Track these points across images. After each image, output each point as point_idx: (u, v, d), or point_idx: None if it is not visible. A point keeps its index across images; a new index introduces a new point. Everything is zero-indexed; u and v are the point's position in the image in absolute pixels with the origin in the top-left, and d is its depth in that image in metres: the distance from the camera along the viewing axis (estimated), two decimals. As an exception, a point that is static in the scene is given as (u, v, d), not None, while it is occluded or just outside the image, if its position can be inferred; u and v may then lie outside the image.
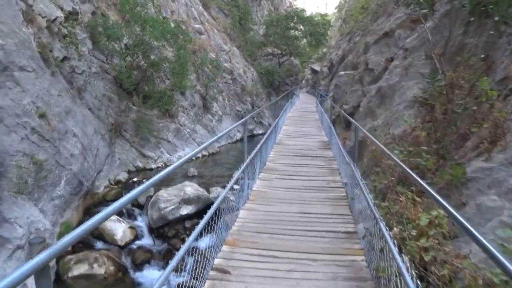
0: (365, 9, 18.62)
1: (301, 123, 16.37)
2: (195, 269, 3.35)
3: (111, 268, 8.50)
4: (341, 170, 7.32)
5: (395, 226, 2.85)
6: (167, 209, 9.28)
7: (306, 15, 35.05)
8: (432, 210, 2.80)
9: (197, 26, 23.24)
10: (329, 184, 6.72)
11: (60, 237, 8.99)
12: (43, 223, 8.26)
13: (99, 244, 9.33)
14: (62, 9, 11.10)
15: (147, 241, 9.71)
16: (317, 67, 44.44)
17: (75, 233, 1.54)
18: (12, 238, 7.19)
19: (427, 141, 4.36)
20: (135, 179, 12.27)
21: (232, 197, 5.43)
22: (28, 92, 8.93)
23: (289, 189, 6.43)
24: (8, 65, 8.56)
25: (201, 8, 25.97)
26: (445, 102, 4.37)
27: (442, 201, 1.93)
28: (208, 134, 18.41)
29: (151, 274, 8.66)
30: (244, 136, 6.09)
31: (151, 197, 10.63)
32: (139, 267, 8.88)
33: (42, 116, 9.10)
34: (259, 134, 24.29)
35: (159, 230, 9.77)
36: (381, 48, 9.46)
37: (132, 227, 9.86)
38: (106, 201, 11.36)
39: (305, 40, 36.97)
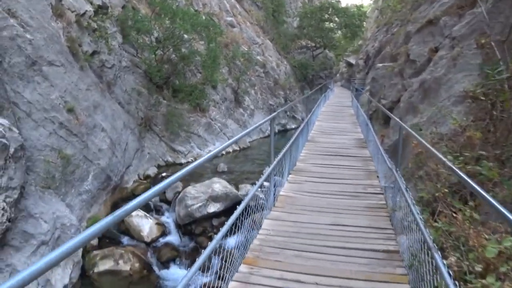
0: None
1: (335, 118, 15.54)
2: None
3: (136, 265, 8.36)
4: (379, 172, 6.67)
5: (450, 253, 2.31)
6: (194, 207, 9.01)
7: (341, 6, 33.95)
8: (500, 234, 2.24)
9: (229, 19, 22.91)
10: (365, 189, 6.03)
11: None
12: (69, 219, 8.19)
13: (125, 240, 9.21)
14: (91, 3, 11.01)
15: (173, 238, 9.52)
16: (352, 60, 43.25)
17: (103, 222, 1.47)
18: (36, 233, 7.12)
19: (483, 143, 3.73)
20: (164, 174, 12.11)
21: (261, 195, 5.06)
22: (56, 86, 8.87)
23: (321, 195, 5.82)
24: (36, 60, 8.51)
25: (233, 0, 25.60)
26: (509, 97, 3.73)
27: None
28: (239, 128, 18.09)
29: (176, 272, 8.48)
30: (271, 135, 5.36)
31: (179, 193, 10.42)
32: (165, 264, 8.71)
33: (70, 110, 9.03)
34: (292, 128, 23.77)
35: (186, 227, 9.55)
36: (424, 37, 8.66)
37: (159, 223, 9.69)
38: (134, 196, 11.19)
39: (340, 32, 35.90)
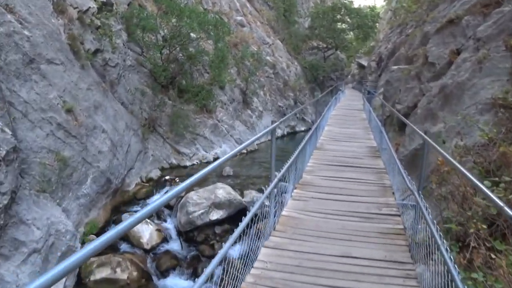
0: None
1: (346, 123, 14.73)
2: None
3: (134, 273, 7.98)
4: (394, 187, 5.93)
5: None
6: (196, 214, 8.60)
7: (353, 7, 33.32)
8: None
9: (239, 18, 22.50)
10: (380, 209, 5.21)
11: (84, 237, 8.62)
12: (64, 224, 7.82)
13: (123, 246, 8.85)
14: (95, 0, 10.66)
15: (174, 245, 9.14)
16: (364, 61, 42.55)
17: (101, 240, 1.37)
18: (28, 241, 6.76)
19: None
20: (167, 177, 11.72)
21: (267, 202, 4.59)
22: (55, 86, 8.53)
23: (329, 216, 5.04)
24: (34, 57, 8.17)
25: (243, -1, 25.20)
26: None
27: None
28: (247, 130, 17.65)
29: (176, 282, 8.11)
30: (272, 147, 4.52)
31: (181, 198, 10.04)
32: (164, 274, 8.32)
33: (69, 111, 8.69)
34: (301, 131, 23.29)
35: (188, 234, 9.16)
36: (444, 38, 8.05)
37: (159, 230, 9.32)
38: (136, 199, 10.94)
39: (352, 33, 35.26)
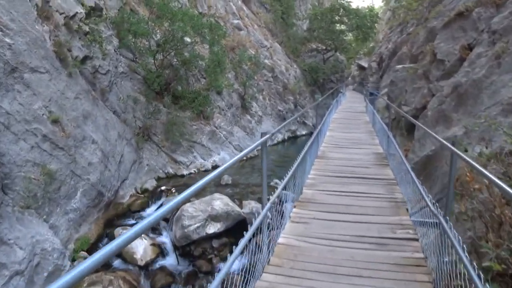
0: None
1: (348, 127, 13.96)
2: None
3: (127, 293, 7.47)
4: (408, 202, 5.19)
5: None
6: (191, 228, 8.10)
7: (352, 7, 32.85)
8: None
9: (235, 21, 22.06)
10: (394, 231, 4.41)
11: (75, 254, 8.13)
12: (51, 242, 7.34)
13: (116, 263, 8.37)
14: (82, 5, 10.21)
15: (170, 260, 8.66)
16: (364, 63, 42.15)
17: (93, 259, 1.25)
18: (9, 263, 6.29)
19: None
20: (163, 188, 11.22)
21: (269, 213, 4.01)
22: (39, 95, 8.08)
23: (334, 243, 4.21)
24: (17, 66, 7.72)
25: (240, 2, 24.76)
26: None
27: None
28: (246, 136, 17.16)
29: (170, 301, 7.63)
30: (263, 164, 3.66)
31: (176, 210, 9.55)
32: (159, 292, 7.81)
33: (55, 121, 8.23)
34: (302, 135, 22.80)
35: (185, 248, 8.68)
36: (453, 33, 7.48)
37: (154, 244, 8.85)
38: (131, 211, 10.46)
39: (351, 34, 34.79)
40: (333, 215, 5.07)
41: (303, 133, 23.05)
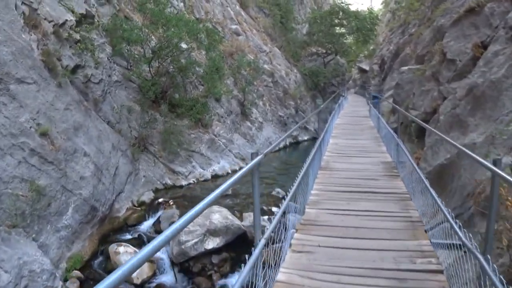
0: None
1: (353, 133, 13.14)
2: None
3: (122, 316, 7.01)
4: (423, 215, 4.61)
5: None
6: (189, 243, 7.66)
7: (351, 10, 32.48)
8: None
9: (234, 26, 21.71)
10: (414, 261, 3.73)
11: (67, 274, 7.70)
12: (40, 263, 6.91)
13: (111, 282, 7.86)
14: (73, 12, 9.83)
15: (167, 278, 8.26)
16: (365, 65, 41.78)
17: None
18: (-8, 288, 5.86)
19: None
20: (161, 200, 10.77)
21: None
22: (27, 107, 7.68)
23: (343, 278, 3.50)
24: (2, 77, 7.36)
25: (238, 8, 24.43)
26: None
27: None
28: (247, 143, 16.72)
29: (168, 323, 7.20)
30: (254, 192, 3.03)
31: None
32: (157, 312, 7.40)
33: (44, 134, 7.83)
34: (304, 140, 22.38)
35: (183, 264, 8.27)
36: (463, 30, 7.00)
37: (151, 261, 8.40)
38: (127, 225, 10.05)
39: (351, 37, 34.40)
40: (340, 240, 4.36)
41: (305, 138, 22.62)
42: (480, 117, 4.88)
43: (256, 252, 2.71)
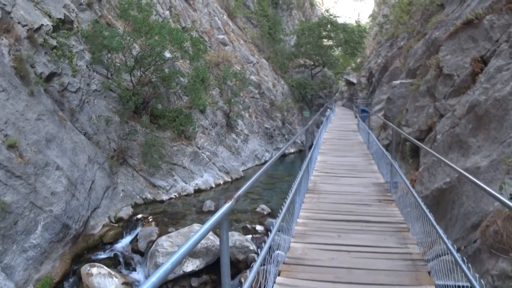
0: (411, 5, 15.96)
1: (341, 149, 12.40)
2: None
3: None
4: (429, 258, 3.96)
5: None
6: (167, 266, 7.08)
7: (340, 22, 32.52)
8: None
9: (221, 36, 21.38)
10: None
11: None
12: (2, 288, 6.31)
13: (81, 307, 7.37)
14: (49, 16, 9.32)
15: (144, 303, 7.57)
16: (352, 78, 41.92)
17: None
18: None
19: None
20: (140, 216, 10.21)
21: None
22: (-7, 117, 7.11)
23: None
24: (-34, 84, 6.78)
25: (225, 17, 24.14)
26: None
27: None
28: (232, 156, 16.27)
29: None
30: (221, 258, 2.31)
31: (153, 242, 8.57)
32: None
33: (11, 146, 7.27)
34: (290, 153, 21.98)
35: (161, 286, 7.61)
36: (461, 44, 6.65)
37: (127, 283, 7.84)
38: (103, 243, 9.46)
39: (339, 49, 34.41)
40: (332, 286, 3.69)
41: (292, 151, 22.25)
42: (483, 138, 4.47)
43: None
